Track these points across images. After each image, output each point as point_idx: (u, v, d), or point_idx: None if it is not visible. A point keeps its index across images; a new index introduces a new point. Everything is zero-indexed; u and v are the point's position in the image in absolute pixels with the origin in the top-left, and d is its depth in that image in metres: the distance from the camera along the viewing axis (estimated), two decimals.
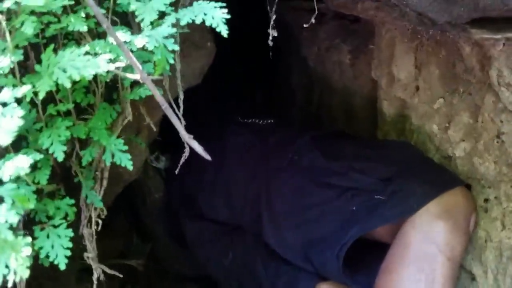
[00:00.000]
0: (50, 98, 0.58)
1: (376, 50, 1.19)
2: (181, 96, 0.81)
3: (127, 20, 0.70)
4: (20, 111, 0.44)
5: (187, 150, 0.84)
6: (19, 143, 0.58)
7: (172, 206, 1.41)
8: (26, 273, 0.43)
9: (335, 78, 1.36)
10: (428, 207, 0.92)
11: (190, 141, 0.59)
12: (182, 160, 0.85)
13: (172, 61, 0.58)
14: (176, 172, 0.87)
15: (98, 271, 0.69)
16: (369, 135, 1.29)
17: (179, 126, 0.58)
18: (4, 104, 0.45)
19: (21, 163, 0.43)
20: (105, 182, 0.69)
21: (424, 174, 1.00)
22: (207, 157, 0.61)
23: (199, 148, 0.60)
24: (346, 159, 1.08)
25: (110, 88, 0.68)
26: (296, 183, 1.13)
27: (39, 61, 0.56)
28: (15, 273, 0.43)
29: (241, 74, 1.77)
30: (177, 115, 0.72)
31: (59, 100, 0.60)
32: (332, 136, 1.21)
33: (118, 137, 0.64)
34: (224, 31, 0.57)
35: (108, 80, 0.63)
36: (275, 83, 1.79)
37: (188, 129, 0.92)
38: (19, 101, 0.49)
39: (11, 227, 0.42)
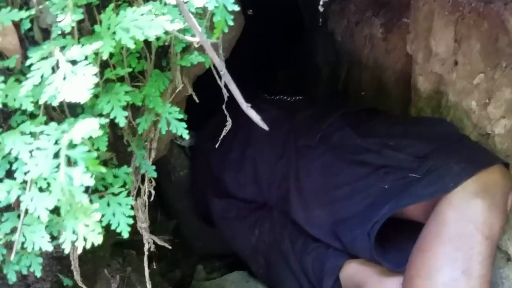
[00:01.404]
0: (103, 63, 0.56)
1: (412, 23, 1.15)
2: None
3: None
4: (93, 68, 0.42)
5: (229, 124, 0.83)
6: (74, 109, 0.57)
7: (198, 184, 1.40)
8: (99, 239, 0.42)
9: (365, 53, 1.32)
10: (465, 185, 0.90)
11: (248, 110, 0.58)
12: (223, 133, 0.83)
13: (231, 23, 0.55)
14: (217, 146, 0.85)
15: (150, 241, 0.68)
16: (401, 112, 1.26)
17: (237, 93, 0.55)
18: (74, 62, 0.43)
19: (91, 125, 0.41)
20: (153, 153, 0.67)
21: (460, 152, 0.97)
22: (265, 127, 0.60)
23: (256, 118, 0.58)
24: (380, 136, 1.05)
25: (159, 55, 0.66)
26: (326, 160, 1.11)
27: (93, 23, 0.53)
28: (85, 239, 0.42)
29: (263, 51, 1.73)
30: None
31: (113, 66, 0.58)
32: (364, 113, 1.18)
33: None
34: None
35: (159, 45, 0.60)
36: (297, 60, 1.75)
37: (214, 105, 0.90)
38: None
39: (85, 191, 0.40)
